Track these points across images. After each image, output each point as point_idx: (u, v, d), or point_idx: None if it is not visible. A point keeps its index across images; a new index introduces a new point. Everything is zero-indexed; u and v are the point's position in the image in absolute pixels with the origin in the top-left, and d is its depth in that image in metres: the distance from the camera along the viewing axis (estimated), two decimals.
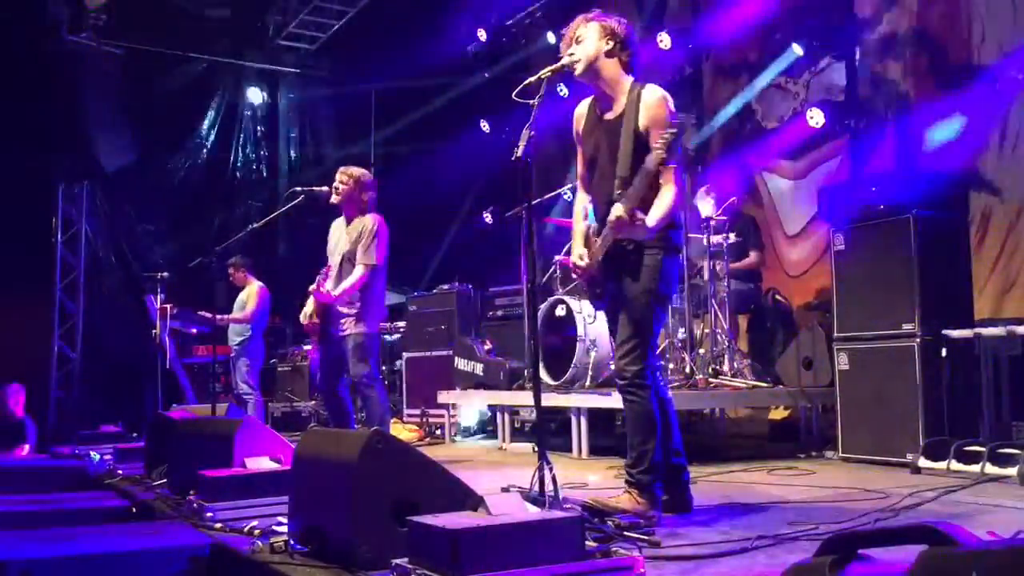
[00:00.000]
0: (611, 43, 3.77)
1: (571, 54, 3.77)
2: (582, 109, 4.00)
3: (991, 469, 4.63)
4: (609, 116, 3.83)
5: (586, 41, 3.77)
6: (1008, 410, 4.98)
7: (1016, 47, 6.02)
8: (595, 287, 3.93)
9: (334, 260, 5.82)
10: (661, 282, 3.73)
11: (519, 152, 3.28)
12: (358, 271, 5.63)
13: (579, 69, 3.76)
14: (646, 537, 3.13)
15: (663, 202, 3.65)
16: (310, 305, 5.73)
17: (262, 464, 4.28)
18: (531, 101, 3.52)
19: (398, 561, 2.53)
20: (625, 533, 3.12)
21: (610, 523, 3.30)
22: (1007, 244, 6.15)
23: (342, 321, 5.69)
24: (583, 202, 4.03)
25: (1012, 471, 4.51)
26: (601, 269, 3.80)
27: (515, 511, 2.59)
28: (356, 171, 5.80)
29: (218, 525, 3.74)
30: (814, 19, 7.46)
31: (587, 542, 2.65)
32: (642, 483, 3.69)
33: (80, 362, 10.64)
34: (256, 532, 3.51)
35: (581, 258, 3.87)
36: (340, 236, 5.85)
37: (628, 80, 3.82)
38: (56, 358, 10.55)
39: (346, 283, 5.63)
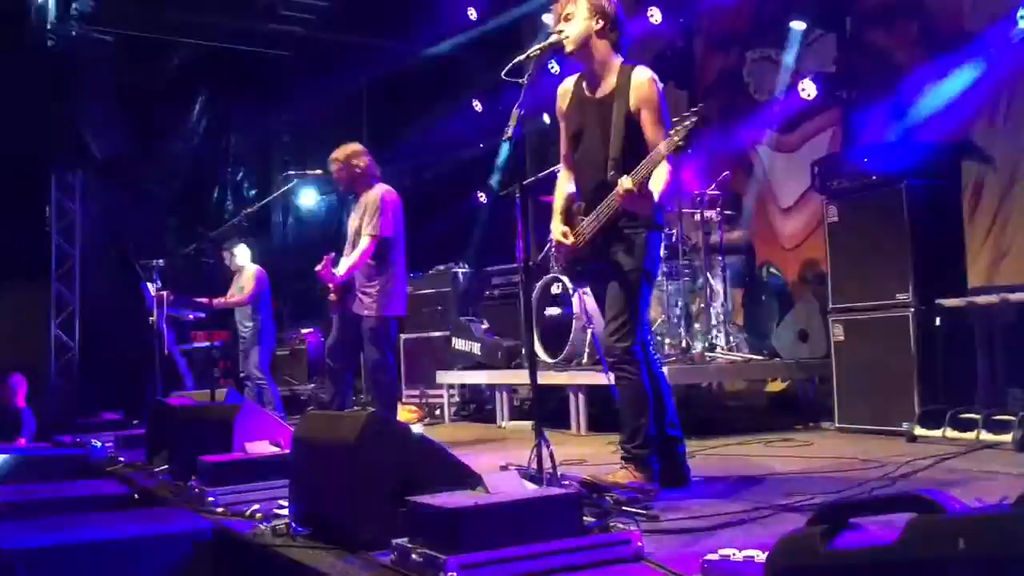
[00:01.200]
0: (600, 22, 3.75)
1: (560, 31, 3.74)
2: (567, 86, 3.98)
3: (986, 436, 4.66)
4: (598, 95, 3.82)
5: (575, 18, 3.74)
6: (1003, 377, 5.01)
7: (1008, 14, 6.00)
8: (576, 264, 3.93)
9: (349, 240, 5.77)
10: (647, 259, 3.75)
11: (509, 132, 3.28)
12: (363, 243, 5.53)
13: (569, 47, 3.74)
14: (644, 511, 3.16)
15: (661, 180, 3.64)
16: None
17: (262, 448, 4.30)
18: (520, 80, 3.52)
19: (398, 541, 2.56)
20: (623, 508, 3.15)
21: (608, 498, 3.33)
22: (1000, 213, 6.15)
23: (360, 300, 5.60)
24: (565, 179, 4.02)
25: (1007, 437, 4.54)
26: (587, 247, 3.80)
27: (513, 489, 2.62)
28: (341, 152, 5.71)
29: (220, 509, 3.78)
30: None
31: (585, 518, 2.68)
32: (638, 457, 3.72)
33: (79, 350, 10.67)
34: (258, 516, 3.54)
35: (565, 235, 3.86)
36: (352, 215, 5.82)
37: (618, 60, 3.81)
38: (55, 346, 10.58)
39: (351, 258, 5.55)
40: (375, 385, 5.58)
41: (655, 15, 8.45)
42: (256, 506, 3.67)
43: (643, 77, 3.72)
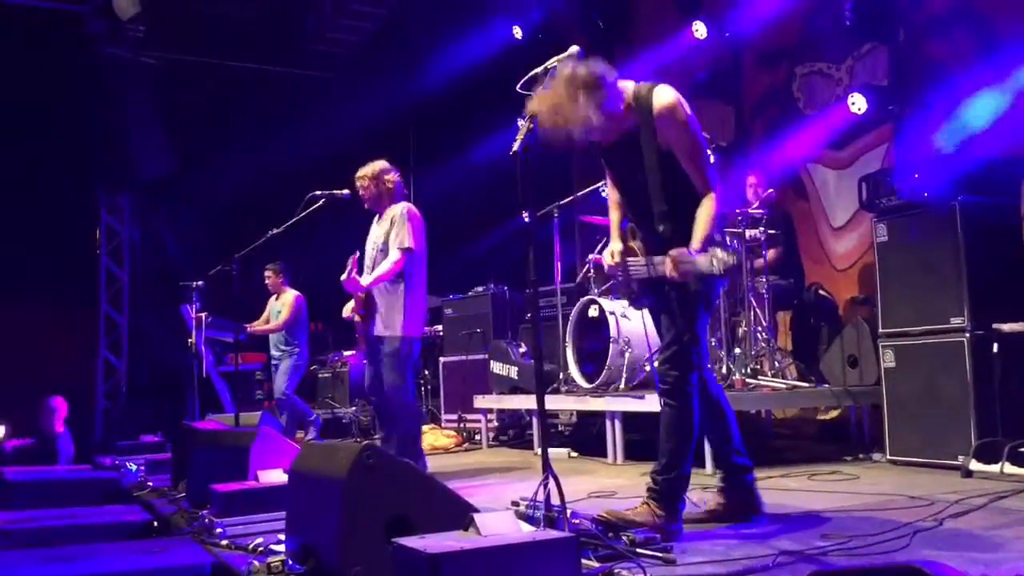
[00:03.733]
0: (583, 97, 3.33)
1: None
2: None
3: None
4: (624, 133, 3.60)
5: (564, 110, 3.32)
6: None
7: None
8: (630, 285, 3.80)
9: (368, 256, 5.58)
10: (703, 287, 3.57)
11: (516, 146, 3.10)
12: (393, 255, 5.32)
13: (592, 137, 3.55)
14: (661, 554, 2.93)
15: (703, 218, 3.46)
16: (352, 299, 5.51)
17: (274, 477, 4.18)
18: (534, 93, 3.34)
19: None
20: (638, 550, 2.92)
21: (624, 538, 3.10)
22: None
23: (378, 319, 5.38)
24: (616, 212, 3.90)
25: None
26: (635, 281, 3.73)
27: (506, 531, 2.42)
28: (370, 168, 5.55)
29: (224, 542, 3.68)
30: (856, 0, 7.12)
31: (588, 561, 2.47)
32: (663, 492, 3.54)
33: (126, 372, 10.72)
34: (260, 550, 3.42)
35: (612, 255, 3.77)
36: (373, 231, 5.65)
37: (629, 88, 3.57)
38: (103, 368, 10.65)
39: (380, 269, 5.33)
40: (395, 410, 5.33)
41: (700, 30, 8.24)
42: (260, 539, 3.57)
43: (662, 107, 3.47)
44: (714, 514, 3.78)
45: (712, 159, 3.90)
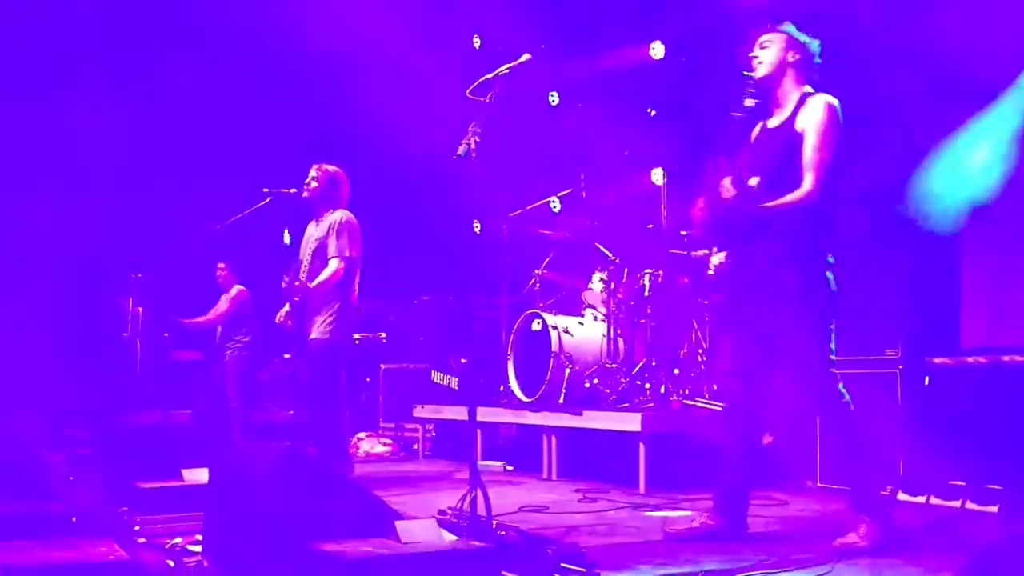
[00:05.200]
0: (796, 56, 3.80)
1: (754, 55, 3.82)
2: (759, 124, 4.00)
3: (972, 505, 4.39)
4: (775, 123, 3.85)
5: (771, 47, 3.81)
6: (991, 444, 4.72)
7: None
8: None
9: (304, 258, 5.55)
10: (811, 298, 3.79)
11: (461, 151, 3.07)
12: (333, 264, 5.32)
13: (759, 72, 3.81)
14: (583, 569, 2.90)
15: (785, 197, 3.65)
16: (287, 304, 5.49)
17: (199, 476, 4.08)
18: (483, 98, 3.33)
19: None
20: (561, 565, 2.89)
21: (550, 551, 3.07)
22: (998, 271, 5.91)
23: (313, 322, 5.36)
24: None
25: (994, 508, 4.27)
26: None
27: (427, 540, 2.37)
28: (331, 167, 5.56)
29: (141, 540, 3.57)
30: None
31: (508, 574, 2.43)
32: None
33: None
34: (177, 549, 3.32)
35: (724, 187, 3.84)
36: (309, 234, 5.60)
37: (801, 89, 3.83)
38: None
39: (322, 276, 5.31)
40: (321, 416, 5.25)
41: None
42: (179, 539, 3.46)
43: (818, 102, 3.73)
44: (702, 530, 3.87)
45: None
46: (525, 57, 3.50)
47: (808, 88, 3.82)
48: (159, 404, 8.50)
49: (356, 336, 7.34)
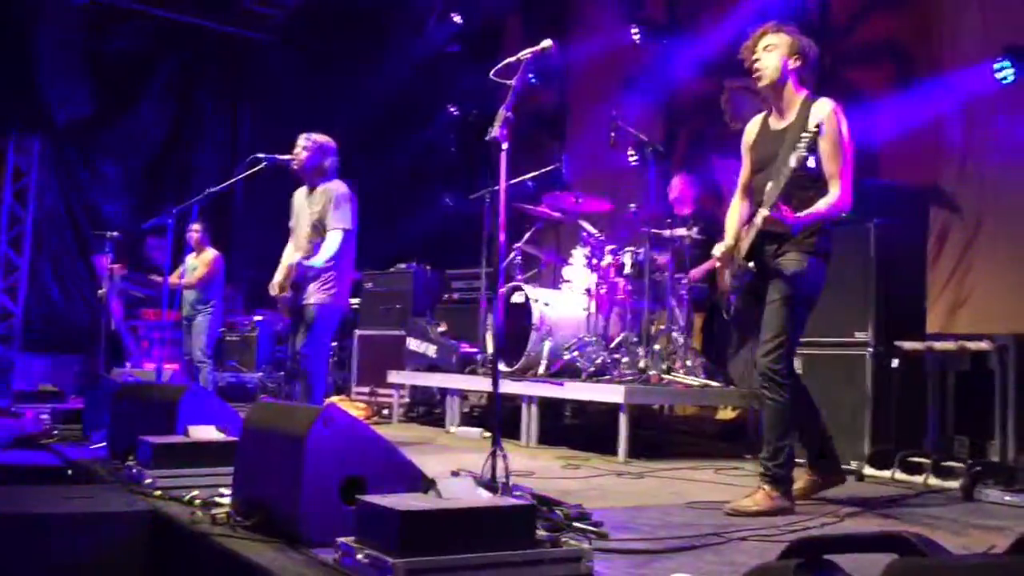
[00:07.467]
0: (798, 62, 3.92)
1: (756, 59, 3.93)
2: (754, 122, 4.18)
3: (934, 481, 4.68)
4: (779, 127, 3.98)
5: (775, 52, 3.90)
6: (952, 424, 5.03)
7: (982, 62, 6.07)
8: (735, 280, 4.13)
9: (300, 230, 5.64)
10: (805, 284, 3.90)
11: (494, 132, 3.22)
12: (335, 236, 5.43)
13: (763, 81, 3.93)
14: (595, 529, 3.10)
15: (817, 204, 3.82)
16: (280, 274, 5.57)
17: (207, 433, 4.17)
18: (509, 81, 3.47)
19: (343, 540, 2.47)
20: (574, 524, 3.09)
21: (559, 512, 3.27)
22: (962, 260, 6.22)
23: (309, 289, 5.46)
24: (738, 206, 4.26)
25: (954, 484, 4.56)
26: (746, 267, 4.00)
27: (468, 496, 2.55)
28: (319, 137, 5.63)
29: (157, 492, 3.64)
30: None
31: (538, 531, 2.62)
32: (778, 477, 3.87)
33: (22, 317, 10.39)
34: (197, 502, 3.42)
35: (722, 254, 4.15)
36: (303, 205, 5.68)
37: (802, 94, 3.95)
38: None
39: (325, 250, 5.41)
40: (309, 377, 5.38)
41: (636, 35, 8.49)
42: (196, 492, 3.55)
43: (824, 109, 3.83)
44: (811, 488, 4.19)
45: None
46: (547, 43, 3.64)
47: (805, 93, 3.97)
48: (129, 364, 8.56)
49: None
